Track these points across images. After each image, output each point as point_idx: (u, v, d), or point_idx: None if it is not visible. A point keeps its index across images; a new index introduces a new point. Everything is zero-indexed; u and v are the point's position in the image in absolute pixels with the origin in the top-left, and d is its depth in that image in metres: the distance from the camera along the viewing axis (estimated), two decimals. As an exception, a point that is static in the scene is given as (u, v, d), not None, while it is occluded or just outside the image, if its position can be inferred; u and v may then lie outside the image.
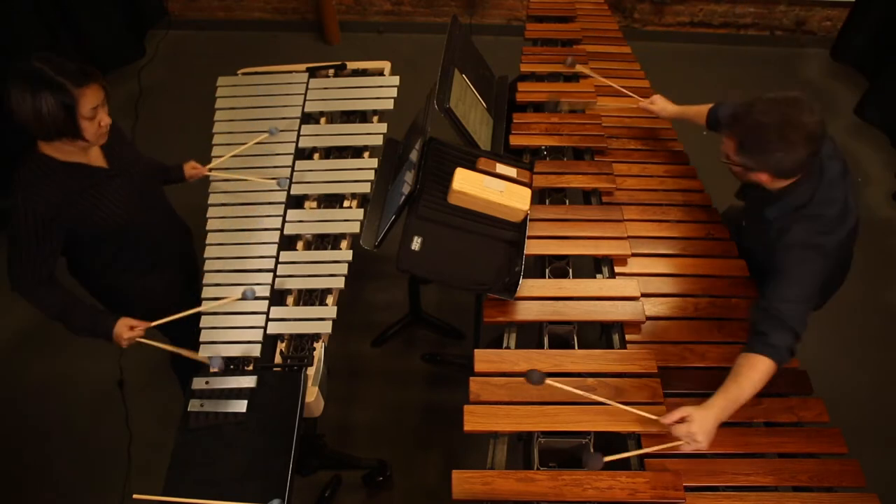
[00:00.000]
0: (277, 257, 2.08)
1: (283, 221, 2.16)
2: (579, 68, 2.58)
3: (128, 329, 1.87)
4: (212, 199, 2.22)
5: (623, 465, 1.63)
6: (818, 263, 1.67)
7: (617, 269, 2.04)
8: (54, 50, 1.65)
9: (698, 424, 1.51)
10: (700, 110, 2.21)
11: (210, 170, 2.19)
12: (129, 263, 2.00)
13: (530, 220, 1.97)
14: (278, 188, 2.17)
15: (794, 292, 1.64)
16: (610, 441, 1.66)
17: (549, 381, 1.59)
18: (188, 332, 1.95)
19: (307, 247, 2.15)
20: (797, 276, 1.65)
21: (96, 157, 1.82)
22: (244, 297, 1.95)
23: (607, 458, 1.52)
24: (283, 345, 1.92)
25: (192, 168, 2.16)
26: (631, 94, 2.47)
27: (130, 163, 1.93)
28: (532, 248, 2.02)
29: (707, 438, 1.51)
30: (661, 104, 2.35)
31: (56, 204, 1.72)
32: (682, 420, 1.53)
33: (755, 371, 1.56)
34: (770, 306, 1.63)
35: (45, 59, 1.60)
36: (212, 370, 1.81)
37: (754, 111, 1.63)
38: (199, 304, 1.97)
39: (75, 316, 1.86)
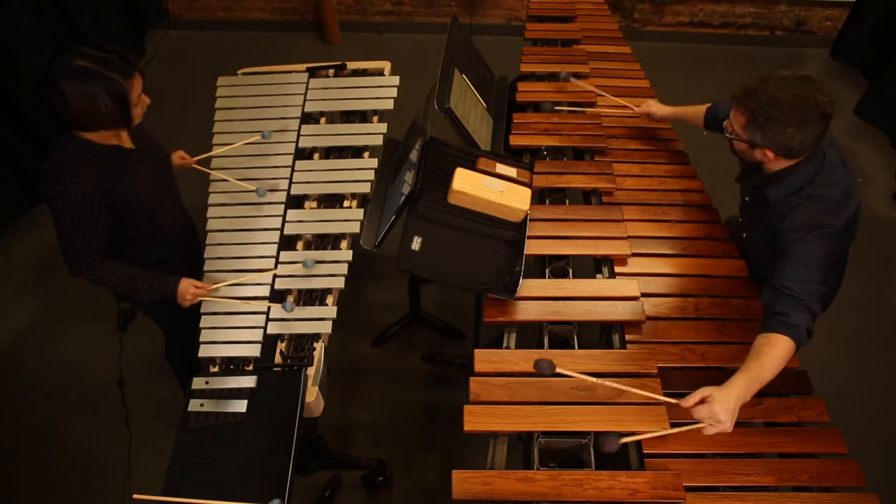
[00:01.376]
0: (277, 257, 2.08)
1: (283, 221, 2.16)
2: (574, 82, 2.57)
3: (193, 287, 1.93)
4: (212, 199, 2.23)
5: (623, 465, 1.63)
6: (825, 243, 1.65)
7: (617, 269, 2.04)
8: (57, 50, 1.66)
9: (720, 404, 1.46)
10: (697, 110, 2.21)
11: (196, 161, 2.20)
12: (149, 242, 2.01)
13: (530, 220, 1.97)
14: (257, 197, 2.16)
15: (804, 273, 1.61)
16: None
17: (559, 369, 1.58)
18: (188, 326, 1.96)
19: (307, 247, 2.15)
20: (806, 257, 1.63)
21: (125, 140, 1.88)
22: (305, 265, 2.01)
23: (623, 440, 1.52)
24: (283, 345, 1.92)
25: (179, 157, 2.18)
26: (625, 103, 2.45)
27: (151, 145, 1.99)
28: (532, 248, 2.02)
29: (730, 419, 1.47)
30: (654, 107, 2.35)
31: (101, 184, 1.76)
32: (702, 401, 1.50)
33: (776, 349, 1.52)
34: (782, 286, 1.60)
35: (87, 55, 1.64)
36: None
37: (769, 86, 1.62)
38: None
39: (140, 283, 1.91)
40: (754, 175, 1.85)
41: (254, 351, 1.90)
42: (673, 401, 1.58)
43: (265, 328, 1.94)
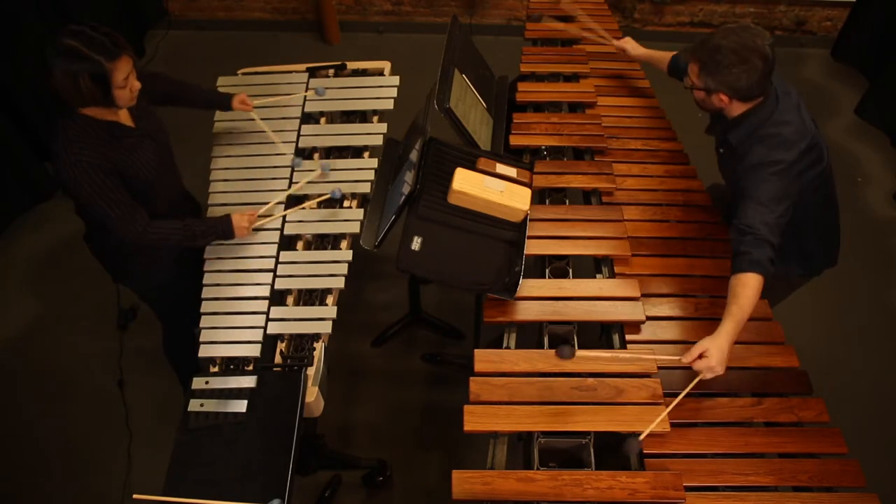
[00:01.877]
0: (277, 257, 2.08)
1: (284, 221, 2.16)
2: (545, 21, 2.79)
3: (246, 219, 2.03)
4: (212, 199, 2.23)
5: (623, 465, 1.63)
6: (779, 180, 1.79)
7: (617, 269, 2.04)
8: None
9: (716, 356, 1.62)
10: (664, 56, 2.47)
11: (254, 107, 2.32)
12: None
13: (530, 220, 1.97)
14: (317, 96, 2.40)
15: (762, 209, 1.76)
16: (610, 441, 1.66)
17: (579, 352, 1.75)
18: (187, 317, 1.98)
19: (307, 247, 2.15)
20: (762, 195, 1.77)
21: (125, 118, 1.92)
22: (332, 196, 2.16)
23: (642, 437, 1.58)
24: (283, 345, 1.92)
25: (240, 102, 2.29)
26: (604, 35, 2.68)
27: (155, 127, 2.01)
28: (532, 248, 2.02)
29: (724, 365, 1.64)
30: (631, 44, 2.62)
31: (102, 152, 1.80)
32: (700, 356, 1.64)
33: (749, 288, 1.69)
34: (742, 225, 1.76)
35: (77, 34, 1.69)
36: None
37: (714, 36, 1.82)
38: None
39: (197, 230, 1.97)
40: (720, 125, 2.00)
41: (254, 351, 1.90)
42: (674, 358, 1.71)
43: (265, 328, 1.94)
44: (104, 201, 1.81)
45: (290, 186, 2.23)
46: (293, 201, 2.22)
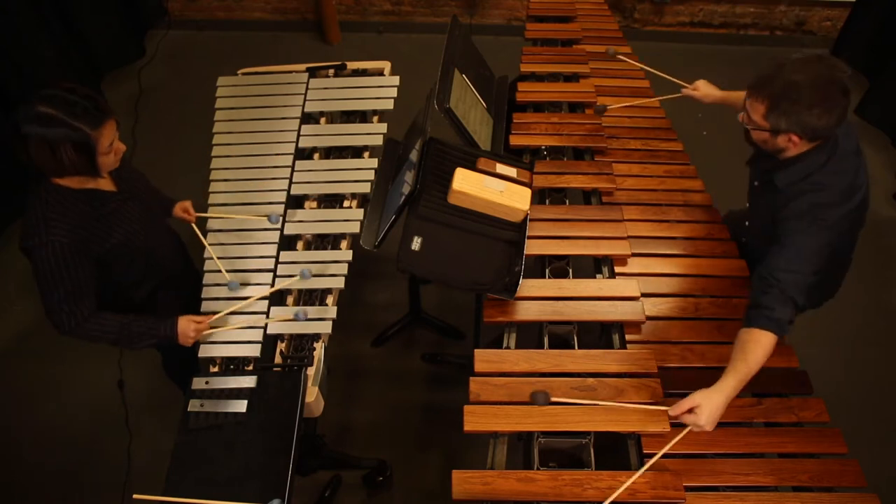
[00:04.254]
0: (277, 257, 2.08)
1: (284, 221, 2.16)
2: (620, 57, 2.62)
3: (193, 324, 1.84)
4: (212, 199, 2.23)
5: (623, 465, 1.63)
6: (821, 236, 1.64)
7: (617, 269, 2.04)
8: (56, 49, 1.61)
9: (706, 415, 1.52)
10: (741, 96, 2.17)
11: (197, 219, 2.10)
12: (137, 283, 1.94)
13: (530, 220, 1.97)
14: (270, 224, 2.11)
15: (796, 263, 1.62)
16: (610, 441, 1.66)
17: (553, 399, 1.66)
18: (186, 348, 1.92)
19: (307, 247, 2.15)
20: (799, 246, 1.63)
21: (105, 183, 1.78)
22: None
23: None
24: (283, 345, 1.92)
25: (182, 210, 2.09)
26: (675, 80, 2.39)
27: (136, 184, 1.90)
28: (532, 248, 2.02)
29: (713, 425, 1.54)
30: (704, 90, 2.28)
31: (78, 231, 1.67)
32: (690, 410, 1.55)
33: (760, 347, 1.56)
34: (771, 276, 1.61)
35: (54, 100, 1.54)
36: None
37: (785, 70, 1.60)
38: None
39: (134, 332, 1.80)
40: (765, 160, 1.81)
41: (254, 351, 1.90)
42: (662, 408, 1.64)
43: (265, 328, 1.94)
44: (54, 286, 1.66)
45: (289, 186, 2.23)
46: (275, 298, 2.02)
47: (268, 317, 1.96)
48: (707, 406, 1.52)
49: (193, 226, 2.08)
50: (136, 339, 1.81)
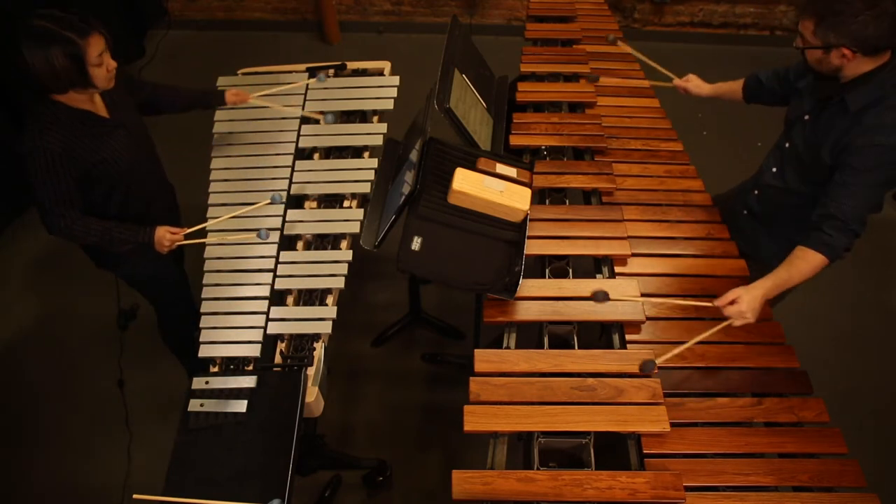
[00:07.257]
0: (277, 257, 2.08)
1: (283, 221, 2.16)
2: (621, 45, 2.64)
3: (169, 234, 2.00)
4: (212, 199, 2.23)
5: (623, 465, 1.63)
6: (886, 172, 1.62)
7: (617, 269, 2.04)
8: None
9: (747, 303, 1.62)
10: (733, 86, 2.24)
11: (253, 97, 2.33)
12: (120, 213, 2.05)
13: (530, 220, 1.97)
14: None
15: (862, 196, 1.62)
16: (610, 441, 1.66)
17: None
18: (182, 303, 1.99)
19: (307, 247, 2.15)
20: (873, 176, 1.61)
21: (100, 108, 1.94)
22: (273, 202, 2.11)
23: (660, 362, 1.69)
24: (283, 345, 1.92)
25: (233, 95, 2.29)
26: (667, 72, 2.44)
27: (130, 118, 2.03)
28: (532, 248, 2.02)
29: (755, 315, 1.64)
30: (695, 82, 2.36)
31: (70, 142, 1.83)
32: (732, 302, 1.65)
33: (807, 263, 1.63)
34: (835, 210, 1.63)
35: (47, 17, 1.73)
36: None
37: None
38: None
39: (116, 233, 1.97)
40: (825, 84, 1.75)
41: (254, 351, 1.90)
42: (707, 303, 1.75)
43: (265, 328, 1.94)
44: (45, 187, 1.84)
45: (289, 186, 2.23)
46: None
47: (269, 317, 1.95)
48: (746, 297, 1.62)
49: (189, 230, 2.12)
50: (118, 243, 2.00)
